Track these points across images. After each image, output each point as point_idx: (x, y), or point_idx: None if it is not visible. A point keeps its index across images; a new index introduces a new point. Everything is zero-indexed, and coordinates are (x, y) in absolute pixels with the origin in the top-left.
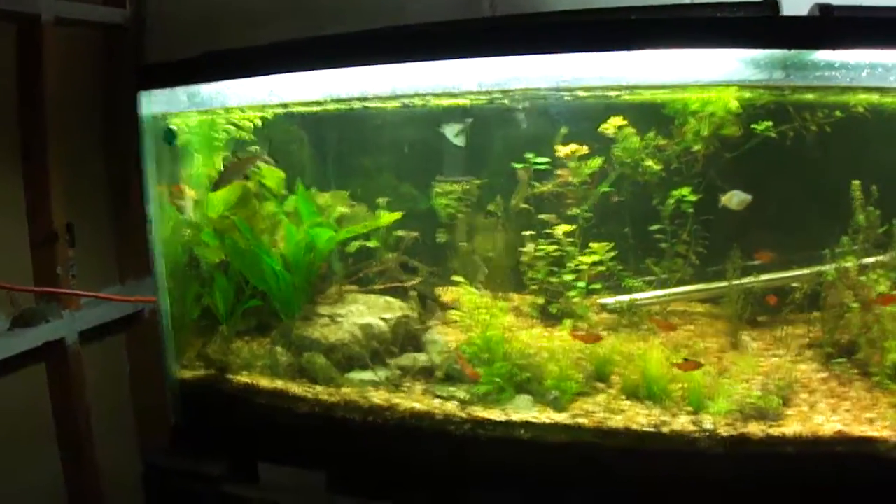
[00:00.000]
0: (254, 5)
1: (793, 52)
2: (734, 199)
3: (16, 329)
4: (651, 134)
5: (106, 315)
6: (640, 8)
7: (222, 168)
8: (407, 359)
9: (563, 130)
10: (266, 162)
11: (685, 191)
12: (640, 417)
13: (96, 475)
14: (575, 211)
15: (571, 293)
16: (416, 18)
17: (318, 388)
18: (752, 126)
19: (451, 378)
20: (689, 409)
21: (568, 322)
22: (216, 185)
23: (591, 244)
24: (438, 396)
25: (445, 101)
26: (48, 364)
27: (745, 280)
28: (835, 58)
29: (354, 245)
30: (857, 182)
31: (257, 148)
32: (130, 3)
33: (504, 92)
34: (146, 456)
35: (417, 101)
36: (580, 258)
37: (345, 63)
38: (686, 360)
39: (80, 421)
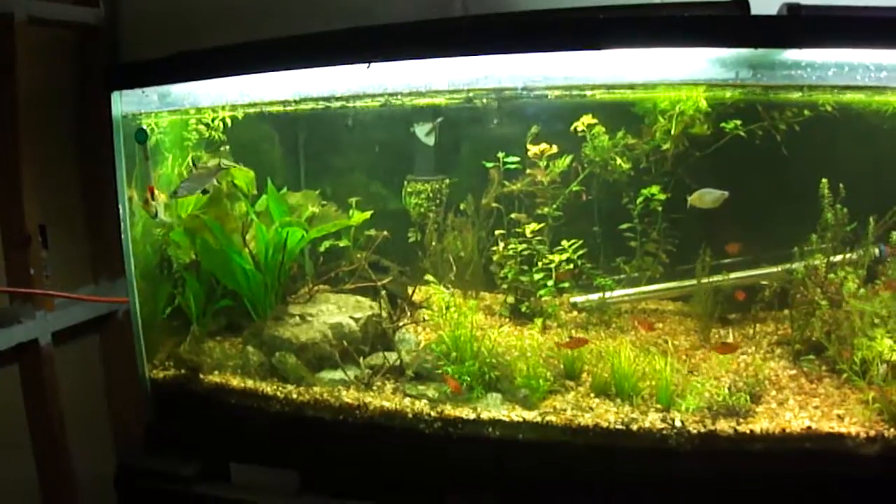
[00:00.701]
0: (225, 6)
1: (762, 51)
2: (707, 196)
3: None
4: (620, 133)
5: (80, 315)
6: (609, 7)
7: (186, 175)
8: (377, 358)
9: (534, 130)
10: (227, 167)
11: (654, 189)
12: (609, 415)
13: (71, 476)
14: (545, 210)
15: (542, 292)
16: (387, 19)
17: (290, 388)
18: (722, 125)
19: (421, 377)
20: (659, 406)
21: (538, 321)
22: (174, 193)
23: (561, 242)
24: (409, 395)
25: (416, 101)
26: (21, 365)
27: (715, 278)
28: (802, 57)
29: (325, 244)
30: (824, 180)
31: (225, 149)
32: (104, 3)
33: (474, 91)
34: (120, 456)
35: (388, 101)
36: (550, 257)
37: (314, 63)
38: (570, 338)
39: (54, 421)
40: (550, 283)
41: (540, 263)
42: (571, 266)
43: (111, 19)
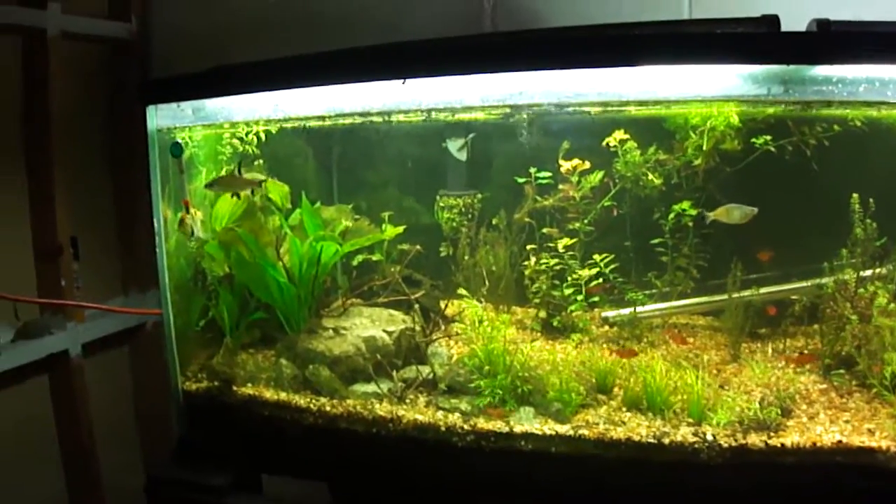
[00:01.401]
0: (253, 22)
1: (792, 67)
2: (735, 212)
3: (19, 341)
4: (652, 149)
5: (109, 327)
6: (640, 24)
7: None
8: (410, 371)
9: (566, 145)
10: (259, 184)
11: (686, 205)
12: (641, 429)
13: (99, 487)
14: (576, 225)
15: (573, 307)
16: (415, 34)
17: (323, 400)
18: (752, 140)
19: (453, 390)
20: (690, 420)
21: (575, 336)
22: (209, 185)
23: (592, 257)
24: (441, 408)
25: (448, 116)
26: (52, 376)
27: (746, 293)
28: (832, 73)
29: (358, 258)
30: (855, 196)
31: (258, 164)
32: (136, 17)
33: (506, 107)
34: (149, 467)
35: (421, 116)
36: (579, 272)
37: (350, 79)
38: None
39: (83, 432)
40: (581, 297)
41: (570, 278)
42: (601, 280)
43: (142, 34)
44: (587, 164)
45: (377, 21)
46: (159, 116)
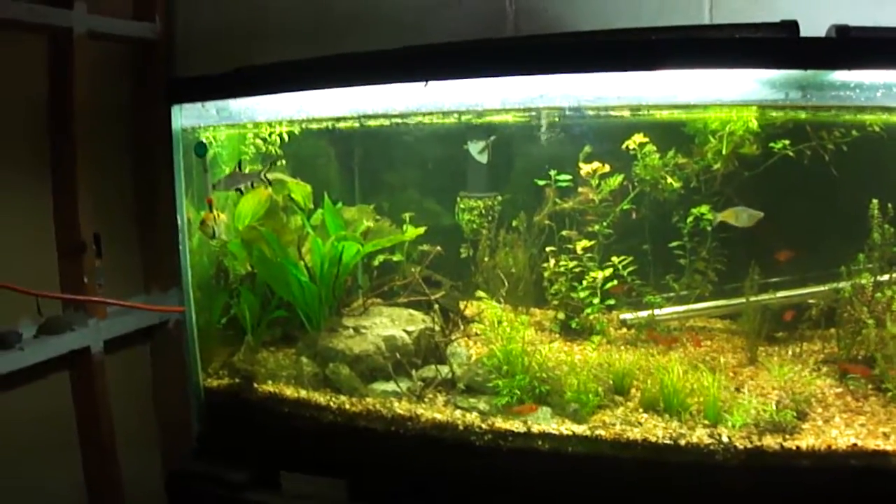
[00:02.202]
0: (276, 22)
1: (811, 72)
2: (743, 214)
3: (42, 337)
4: (671, 152)
5: (131, 325)
6: (660, 28)
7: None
8: (429, 370)
9: (587, 149)
10: (258, 175)
11: (704, 209)
12: (657, 430)
13: (119, 483)
14: (596, 227)
15: (588, 310)
16: (438, 36)
17: (342, 399)
18: (771, 145)
19: (472, 390)
20: (707, 422)
21: (596, 338)
22: (215, 185)
23: (611, 259)
24: (460, 407)
25: (470, 119)
26: (73, 372)
27: (763, 297)
28: (851, 78)
29: (379, 259)
30: (875, 201)
31: (281, 164)
32: (160, 17)
33: (527, 110)
34: (169, 463)
35: (442, 118)
36: (594, 273)
37: (373, 80)
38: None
39: (104, 429)
40: (596, 300)
41: (586, 281)
42: (616, 282)
43: (166, 34)
44: (607, 168)
45: (402, 23)
46: (184, 116)
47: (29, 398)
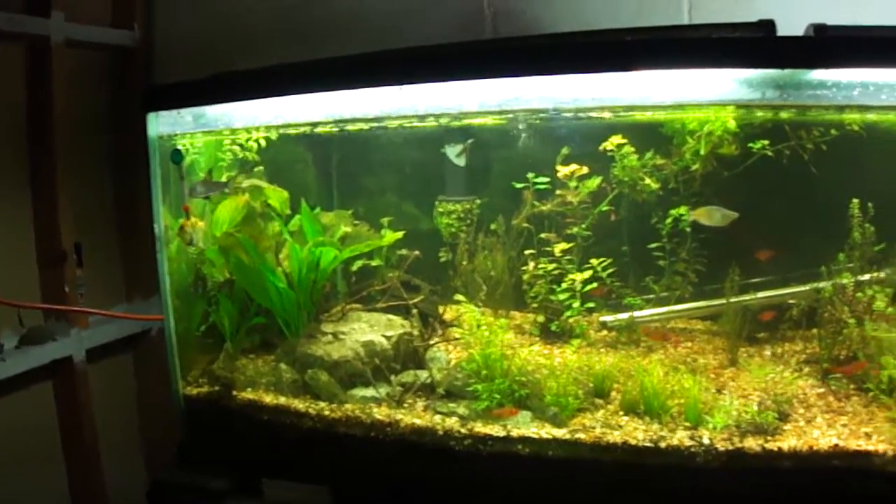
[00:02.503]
0: (256, 29)
1: (788, 71)
2: (716, 213)
3: (24, 347)
4: (649, 153)
5: (113, 333)
6: (637, 29)
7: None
8: (409, 375)
9: (564, 151)
10: (226, 185)
11: (683, 210)
12: (638, 433)
13: (103, 492)
14: (575, 230)
15: (568, 312)
16: (417, 40)
17: (322, 405)
18: (749, 145)
19: (451, 394)
20: (688, 424)
21: (575, 342)
22: (189, 192)
23: (590, 262)
24: (439, 412)
25: (447, 122)
26: (56, 382)
27: (744, 297)
28: (828, 77)
29: (357, 264)
30: (855, 200)
31: (258, 170)
32: (139, 25)
33: (505, 113)
34: (153, 471)
35: (419, 122)
36: (579, 276)
37: (348, 85)
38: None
39: (87, 438)
40: (577, 304)
41: (566, 283)
42: (596, 285)
43: (145, 41)
44: (585, 170)
45: (379, 28)
46: (160, 123)
47: (11, 408)
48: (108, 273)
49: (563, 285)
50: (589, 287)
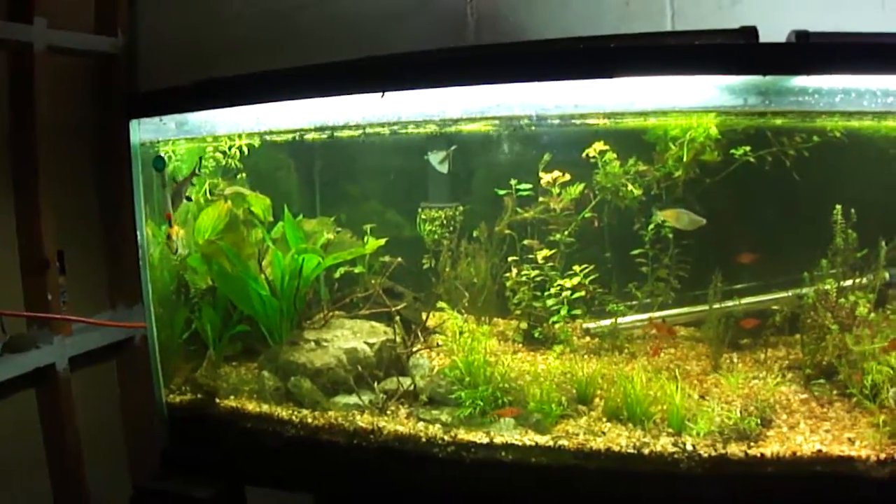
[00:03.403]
0: (240, 36)
1: (770, 78)
2: (685, 217)
3: (6, 355)
4: (632, 160)
5: (97, 341)
6: (619, 36)
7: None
8: (391, 383)
9: (546, 157)
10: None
11: (662, 215)
12: (621, 439)
13: (86, 500)
14: (557, 236)
15: (554, 318)
16: (401, 48)
17: (305, 412)
18: (732, 151)
19: (434, 401)
20: (671, 430)
21: (558, 348)
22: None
23: (573, 268)
24: (422, 419)
25: (430, 129)
26: (38, 390)
27: (727, 304)
28: (811, 83)
29: (340, 271)
30: (838, 206)
31: (241, 177)
32: (122, 32)
33: (487, 119)
34: (137, 479)
35: (402, 129)
36: (563, 282)
37: (330, 92)
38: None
39: (70, 446)
40: (564, 310)
41: (553, 289)
42: (583, 292)
43: (129, 48)
44: (567, 177)
45: (363, 35)
46: (143, 130)
47: None
48: (91, 280)
49: (552, 290)
50: (577, 294)
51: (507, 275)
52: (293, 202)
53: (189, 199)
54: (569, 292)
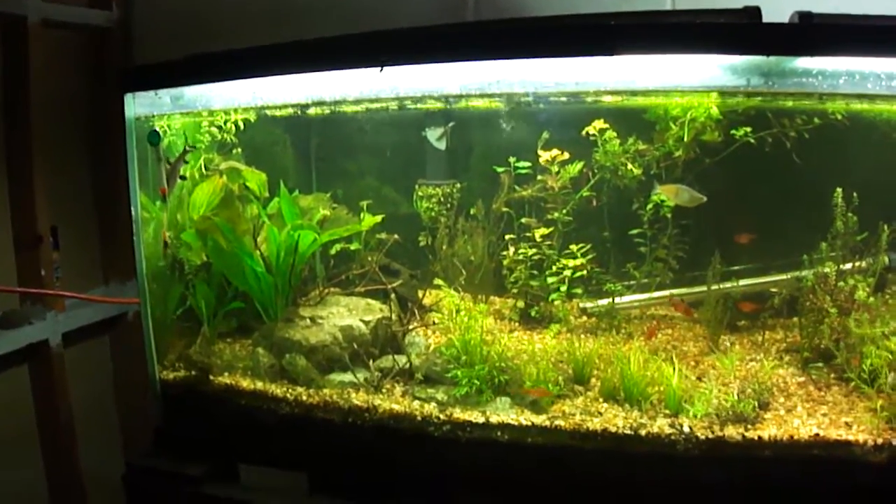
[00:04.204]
0: (239, 9)
1: (773, 58)
2: (684, 193)
3: None
4: (631, 139)
5: (90, 317)
6: (620, 14)
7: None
8: (387, 361)
9: (545, 135)
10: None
11: (663, 195)
12: (618, 420)
13: (79, 476)
14: (555, 215)
15: (554, 296)
16: (401, 23)
17: (299, 390)
18: (732, 132)
19: (430, 380)
20: (667, 411)
21: (555, 327)
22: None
23: (570, 247)
24: (418, 398)
25: (428, 105)
26: (31, 366)
27: (725, 285)
28: (813, 65)
29: (336, 247)
30: (838, 189)
31: (237, 152)
32: (117, 5)
33: (487, 96)
34: (131, 455)
35: (400, 105)
36: (564, 262)
37: (327, 66)
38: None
39: (63, 422)
40: (564, 287)
41: (555, 267)
42: (585, 272)
43: (124, 21)
44: (566, 155)
45: (361, 9)
46: (139, 105)
47: None
48: (84, 256)
49: (553, 268)
50: (579, 273)
51: (504, 253)
52: (289, 178)
53: (183, 177)
54: (570, 271)
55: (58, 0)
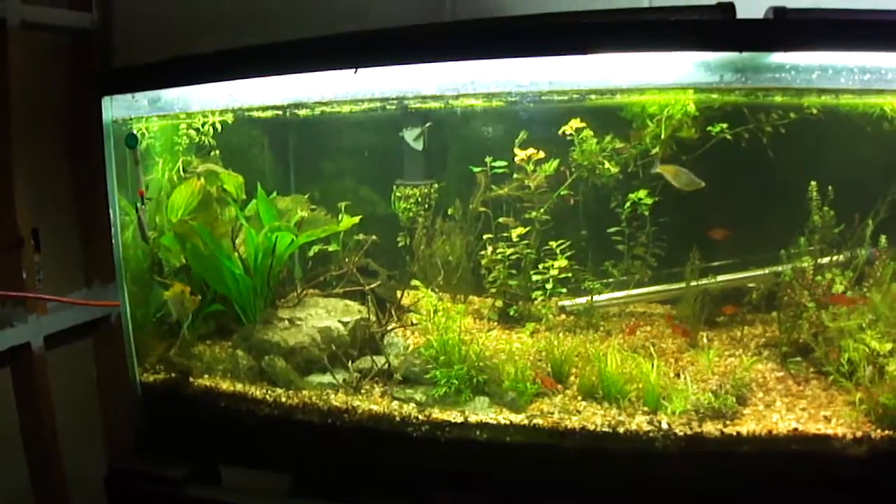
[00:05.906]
0: (216, 12)
1: (747, 54)
2: (683, 176)
3: None
4: (608, 137)
5: (72, 319)
6: (595, 12)
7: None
8: (366, 362)
9: (522, 135)
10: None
11: (642, 193)
12: (596, 418)
13: (63, 480)
14: (533, 214)
15: (536, 293)
16: (378, 24)
17: (279, 391)
18: (709, 128)
19: (409, 380)
20: (646, 408)
21: (530, 325)
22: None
23: (550, 243)
24: (397, 398)
25: (404, 105)
26: (13, 369)
27: (703, 281)
28: (788, 60)
29: (314, 249)
30: (813, 183)
31: (215, 154)
32: (97, 7)
33: (462, 96)
34: (111, 459)
35: (377, 106)
36: (549, 262)
37: (303, 68)
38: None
39: (46, 425)
40: (550, 286)
41: (540, 266)
42: (570, 275)
43: (104, 24)
44: (542, 154)
45: (339, 13)
46: (117, 107)
47: None
48: (66, 258)
49: (539, 266)
50: (564, 275)
51: (483, 253)
52: (267, 180)
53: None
54: (556, 271)
55: (38, 2)
